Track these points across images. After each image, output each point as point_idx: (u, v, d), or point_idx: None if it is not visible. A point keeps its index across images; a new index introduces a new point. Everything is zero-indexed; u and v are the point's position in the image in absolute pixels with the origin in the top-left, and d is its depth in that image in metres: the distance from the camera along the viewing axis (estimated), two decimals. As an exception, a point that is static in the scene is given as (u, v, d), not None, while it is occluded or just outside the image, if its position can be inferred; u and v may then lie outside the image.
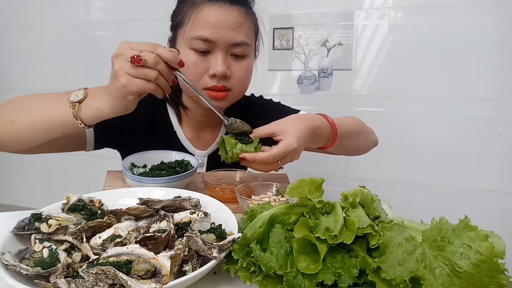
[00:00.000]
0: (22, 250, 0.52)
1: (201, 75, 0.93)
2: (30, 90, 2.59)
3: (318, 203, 0.51)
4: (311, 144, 0.88)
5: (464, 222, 0.45)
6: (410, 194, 1.76)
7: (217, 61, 0.92)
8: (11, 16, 2.33)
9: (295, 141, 0.77)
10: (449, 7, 1.61)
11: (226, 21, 0.91)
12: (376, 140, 1.12)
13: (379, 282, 0.42)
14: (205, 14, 0.91)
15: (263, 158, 0.76)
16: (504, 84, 1.59)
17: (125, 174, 0.79)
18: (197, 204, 0.64)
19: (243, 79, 0.98)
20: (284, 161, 0.79)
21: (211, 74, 0.92)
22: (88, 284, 0.43)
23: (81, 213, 0.62)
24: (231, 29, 0.91)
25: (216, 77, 0.92)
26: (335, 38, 1.78)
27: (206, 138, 1.10)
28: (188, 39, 0.92)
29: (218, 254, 0.48)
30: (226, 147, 0.79)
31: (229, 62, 0.94)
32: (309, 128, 0.82)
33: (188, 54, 0.93)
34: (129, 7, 2.07)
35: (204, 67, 0.92)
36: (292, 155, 0.79)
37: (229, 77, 0.94)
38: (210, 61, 0.92)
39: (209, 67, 0.92)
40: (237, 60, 0.95)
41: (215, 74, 0.92)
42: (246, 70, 0.98)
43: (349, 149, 1.05)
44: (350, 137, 0.97)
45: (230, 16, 0.92)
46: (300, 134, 0.79)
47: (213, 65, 0.92)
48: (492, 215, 1.64)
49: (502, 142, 1.61)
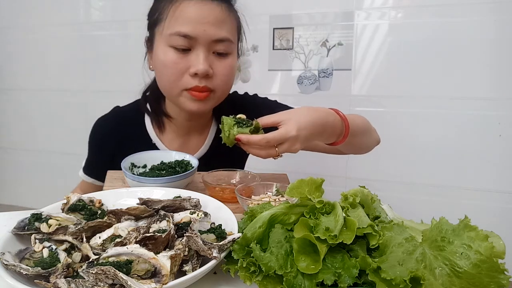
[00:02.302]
0: (22, 250, 0.52)
1: (181, 75, 0.89)
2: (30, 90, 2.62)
3: (318, 203, 0.51)
4: (321, 139, 0.84)
5: (464, 222, 0.45)
6: (410, 194, 1.76)
7: (198, 59, 0.87)
8: (11, 16, 2.33)
9: (295, 129, 0.74)
10: (449, 7, 1.61)
11: (207, 16, 0.86)
12: (378, 138, 1.09)
13: (379, 282, 0.42)
14: (184, 9, 0.87)
15: (256, 140, 0.74)
16: (504, 84, 1.59)
17: (125, 174, 0.79)
18: (197, 204, 0.64)
19: (226, 79, 0.93)
20: (282, 149, 0.76)
21: (192, 73, 0.87)
22: (88, 284, 0.43)
23: (81, 213, 0.62)
24: (213, 25, 0.87)
25: (197, 76, 0.87)
26: (335, 38, 1.78)
27: (194, 143, 1.06)
28: (166, 36, 0.88)
29: (218, 254, 0.48)
30: (224, 127, 0.78)
31: (211, 60, 0.89)
32: (317, 120, 0.79)
33: (166, 52, 0.88)
34: (129, 7, 2.06)
35: (184, 66, 0.88)
36: (291, 144, 0.75)
37: (211, 76, 0.89)
38: (190, 59, 0.88)
39: (190, 66, 0.87)
40: (219, 58, 0.90)
41: (196, 73, 0.87)
42: (229, 69, 0.92)
43: (356, 147, 1.01)
44: (359, 135, 0.93)
45: (211, 11, 0.87)
46: (303, 124, 0.76)
47: (194, 63, 0.87)
48: (492, 215, 1.64)
49: (502, 142, 1.61)
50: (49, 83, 2.31)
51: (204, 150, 1.06)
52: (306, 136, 0.77)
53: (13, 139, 2.52)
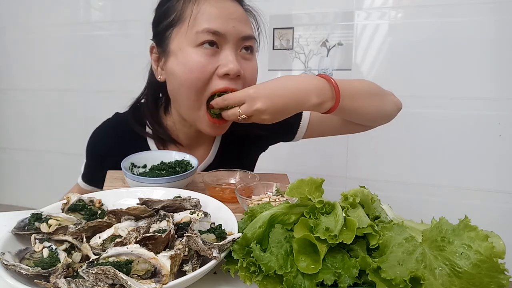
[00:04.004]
0: (22, 250, 0.52)
1: (209, 79, 0.81)
2: (30, 90, 2.62)
3: (318, 203, 0.51)
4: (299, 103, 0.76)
5: (464, 222, 0.45)
6: (410, 194, 1.76)
7: (228, 58, 0.80)
8: (11, 16, 2.33)
9: (253, 89, 0.75)
10: (449, 7, 1.61)
11: (233, 12, 0.82)
12: (399, 102, 0.97)
13: (379, 282, 0.42)
14: (208, 5, 0.82)
15: (217, 100, 0.78)
16: (504, 84, 1.59)
17: (125, 174, 0.79)
18: (197, 204, 0.64)
19: (253, 82, 0.87)
20: (243, 108, 0.76)
21: (222, 74, 0.80)
22: (88, 284, 0.43)
23: (81, 213, 0.62)
24: (240, 21, 0.83)
25: (228, 77, 0.81)
26: (335, 38, 1.78)
27: (199, 155, 0.98)
28: (192, 35, 0.81)
29: (218, 254, 0.48)
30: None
31: (239, 61, 0.83)
32: (284, 82, 0.77)
33: (192, 54, 0.81)
34: (129, 7, 2.07)
35: (212, 67, 0.81)
36: (250, 102, 0.75)
37: (240, 78, 0.83)
38: (219, 59, 0.81)
39: (218, 66, 0.81)
40: (246, 60, 0.86)
41: (227, 73, 0.80)
42: (255, 72, 0.88)
43: (364, 113, 0.90)
44: (360, 98, 0.85)
45: (234, 7, 0.84)
46: (263, 85, 0.76)
47: (224, 63, 0.80)
48: (492, 215, 1.64)
49: (502, 142, 1.62)
50: (49, 83, 2.31)
51: (209, 161, 1.00)
52: (269, 96, 0.75)
53: (13, 139, 2.53)
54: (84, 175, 1.05)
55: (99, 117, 1.05)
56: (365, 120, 0.95)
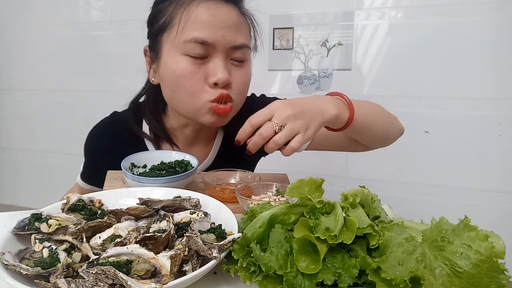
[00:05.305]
0: (22, 250, 0.52)
1: (201, 86, 0.81)
2: (30, 90, 2.62)
3: (318, 203, 0.51)
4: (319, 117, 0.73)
5: (464, 222, 0.45)
6: (410, 194, 1.76)
7: (217, 67, 0.80)
8: (11, 16, 2.33)
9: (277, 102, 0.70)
10: (449, 7, 1.61)
11: (225, 20, 0.80)
12: (402, 127, 0.98)
13: (379, 282, 0.42)
14: (199, 12, 0.79)
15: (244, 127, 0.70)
16: (504, 84, 1.59)
17: (125, 174, 0.79)
18: (197, 204, 0.64)
19: (244, 88, 0.87)
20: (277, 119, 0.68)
21: (211, 83, 0.80)
22: (88, 284, 0.43)
23: (81, 213, 0.62)
24: (231, 30, 0.80)
25: (217, 86, 0.81)
26: (335, 38, 1.78)
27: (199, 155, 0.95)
28: (180, 43, 0.80)
29: (218, 254, 0.48)
30: None
31: (229, 69, 0.82)
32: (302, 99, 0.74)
33: (180, 61, 0.80)
34: (129, 7, 2.07)
35: (202, 76, 0.81)
36: (280, 111, 0.68)
37: (230, 86, 0.82)
38: (208, 68, 0.81)
39: (208, 75, 0.81)
40: (237, 66, 0.84)
41: (216, 83, 0.80)
42: (247, 78, 0.87)
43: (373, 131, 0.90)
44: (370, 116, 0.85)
45: (228, 14, 0.81)
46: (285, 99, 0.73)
47: (213, 72, 0.80)
48: (492, 215, 1.64)
49: (502, 142, 1.62)
50: (49, 83, 2.31)
51: (209, 161, 1.00)
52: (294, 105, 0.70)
53: (13, 139, 2.53)
54: (83, 174, 1.05)
55: (99, 117, 1.05)
56: (372, 139, 0.94)
